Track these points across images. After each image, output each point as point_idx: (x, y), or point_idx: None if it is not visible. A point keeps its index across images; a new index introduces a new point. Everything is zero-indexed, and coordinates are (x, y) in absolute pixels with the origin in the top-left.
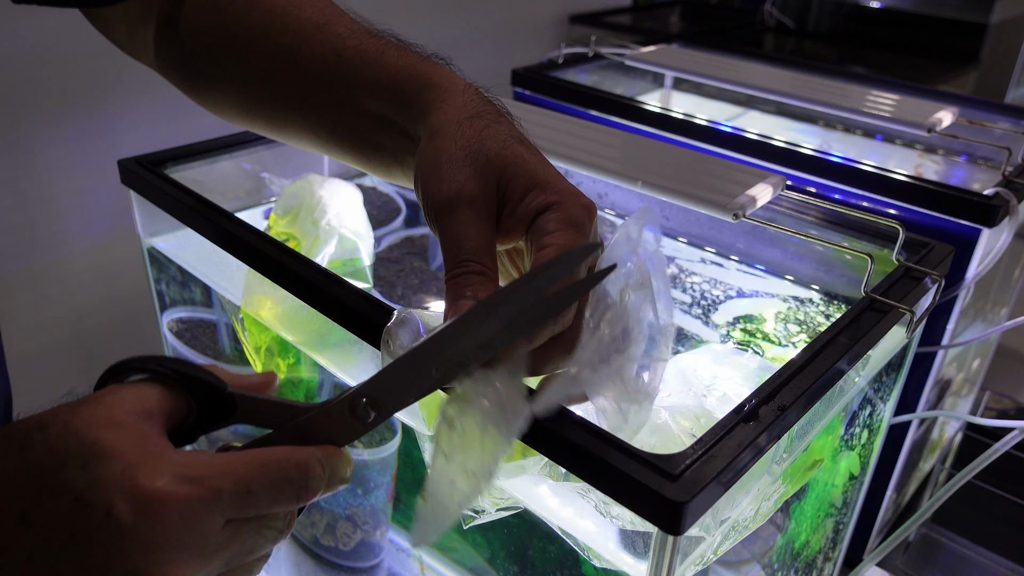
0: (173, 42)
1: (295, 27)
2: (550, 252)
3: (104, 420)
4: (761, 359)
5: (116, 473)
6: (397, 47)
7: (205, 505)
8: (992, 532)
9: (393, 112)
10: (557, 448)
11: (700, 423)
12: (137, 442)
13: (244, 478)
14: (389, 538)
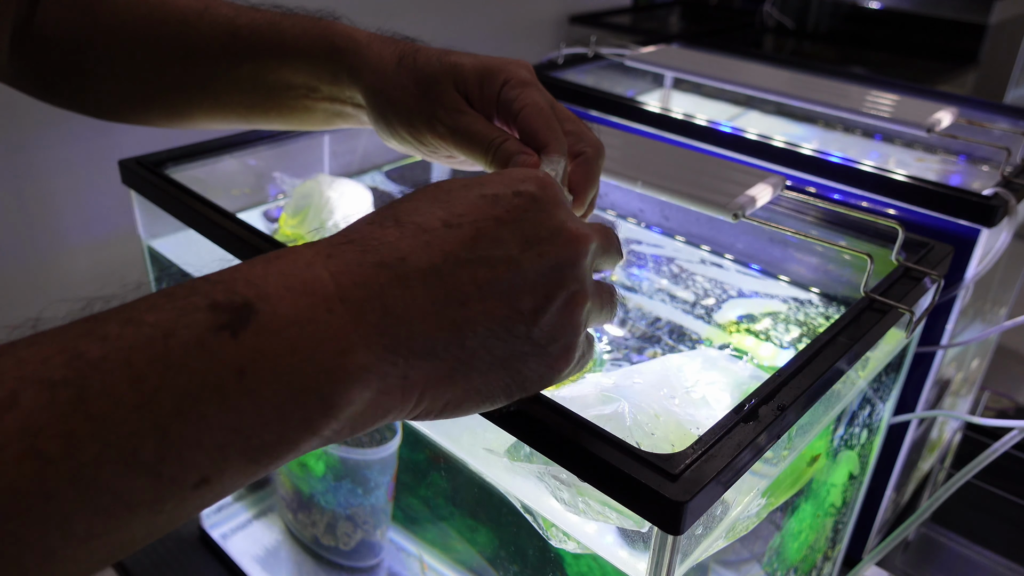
0: (36, 44)
1: (177, 15)
2: (528, 111)
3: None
4: (754, 368)
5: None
6: (284, 15)
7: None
8: (992, 532)
9: (311, 79)
10: (556, 447)
11: (659, 421)
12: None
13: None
14: (389, 538)
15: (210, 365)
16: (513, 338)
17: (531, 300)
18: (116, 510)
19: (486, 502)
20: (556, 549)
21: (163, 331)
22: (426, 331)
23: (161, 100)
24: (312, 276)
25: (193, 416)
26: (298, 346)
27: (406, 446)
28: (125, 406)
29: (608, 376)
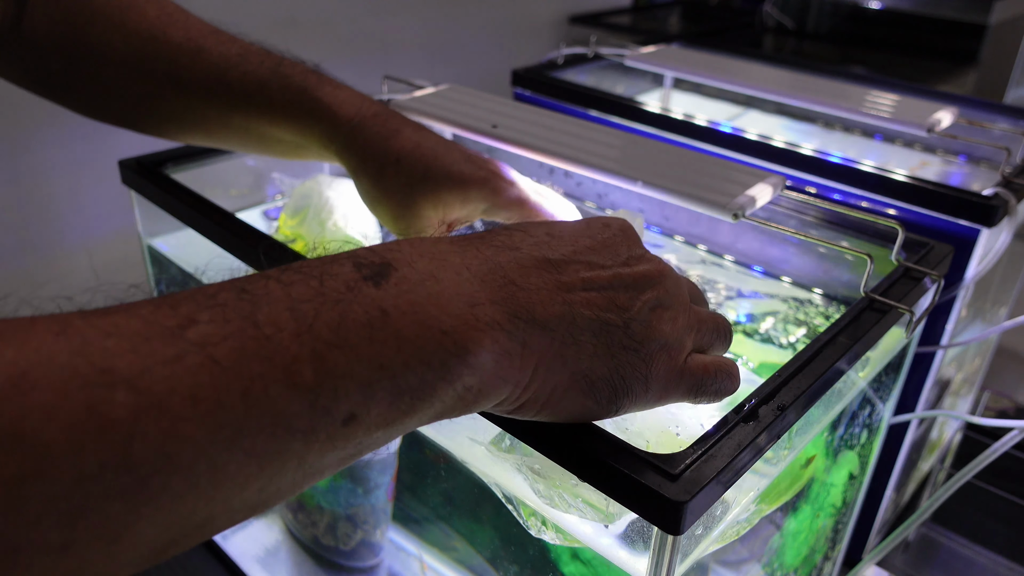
0: (25, 48)
1: (169, 54)
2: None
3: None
4: (747, 371)
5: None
6: (273, 73)
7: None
8: (992, 532)
9: (301, 140)
10: (555, 446)
11: (635, 417)
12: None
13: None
14: (389, 538)
15: (359, 303)
16: (613, 328)
17: (625, 296)
18: (277, 431)
19: (486, 502)
20: (554, 548)
21: (316, 275)
22: (543, 304)
23: (153, 124)
24: (441, 249)
25: (345, 347)
26: (434, 295)
27: (406, 446)
28: (287, 332)
29: None
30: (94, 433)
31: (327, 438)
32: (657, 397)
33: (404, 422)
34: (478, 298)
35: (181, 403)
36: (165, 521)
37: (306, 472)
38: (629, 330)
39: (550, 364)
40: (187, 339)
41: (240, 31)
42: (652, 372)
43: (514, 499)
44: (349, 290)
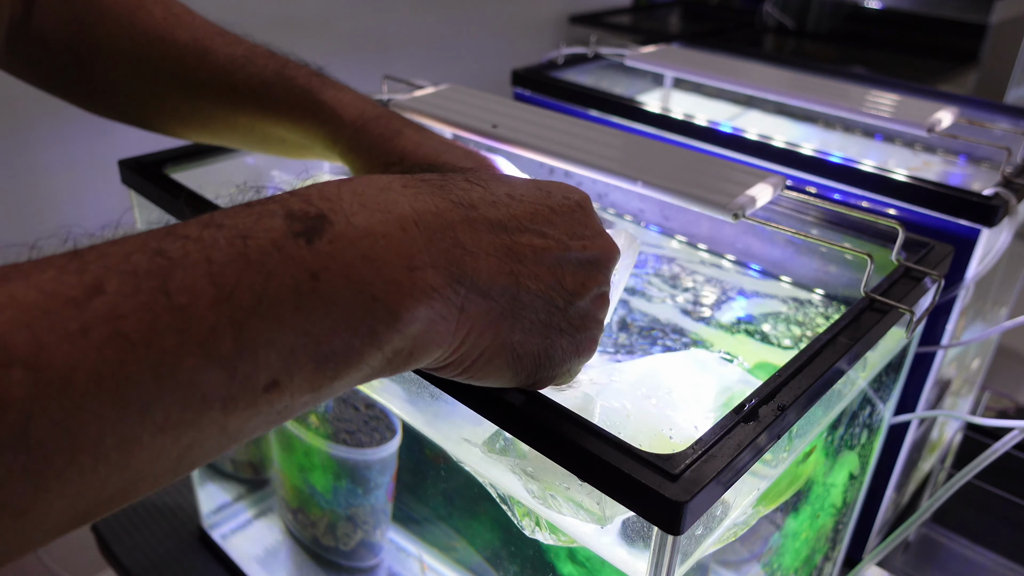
0: (33, 46)
1: (175, 55)
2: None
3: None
4: (743, 372)
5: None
6: (277, 75)
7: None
8: (992, 532)
9: (305, 142)
10: (555, 446)
11: (629, 419)
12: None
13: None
14: (389, 538)
15: (286, 267)
16: (554, 308)
17: (572, 281)
18: (192, 402)
19: (485, 502)
20: (552, 548)
21: (241, 233)
22: (489, 271)
23: (159, 122)
24: (388, 198)
25: (268, 314)
26: (370, 256)
27: (406, 446)
28: (205, 300)
29: (585, 372)
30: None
31: (247, 405)
32: (571, 376)
33: (331, 385)
34: (418, 260)
35: (84, 380)
36: (76, 492)
37: (230, 437)
38: (568, 314)
39: (482, 331)
40: (92, 310)
41: (241, 31)
42: (578, 356)
43: (509, 500)
44: (277, 250)
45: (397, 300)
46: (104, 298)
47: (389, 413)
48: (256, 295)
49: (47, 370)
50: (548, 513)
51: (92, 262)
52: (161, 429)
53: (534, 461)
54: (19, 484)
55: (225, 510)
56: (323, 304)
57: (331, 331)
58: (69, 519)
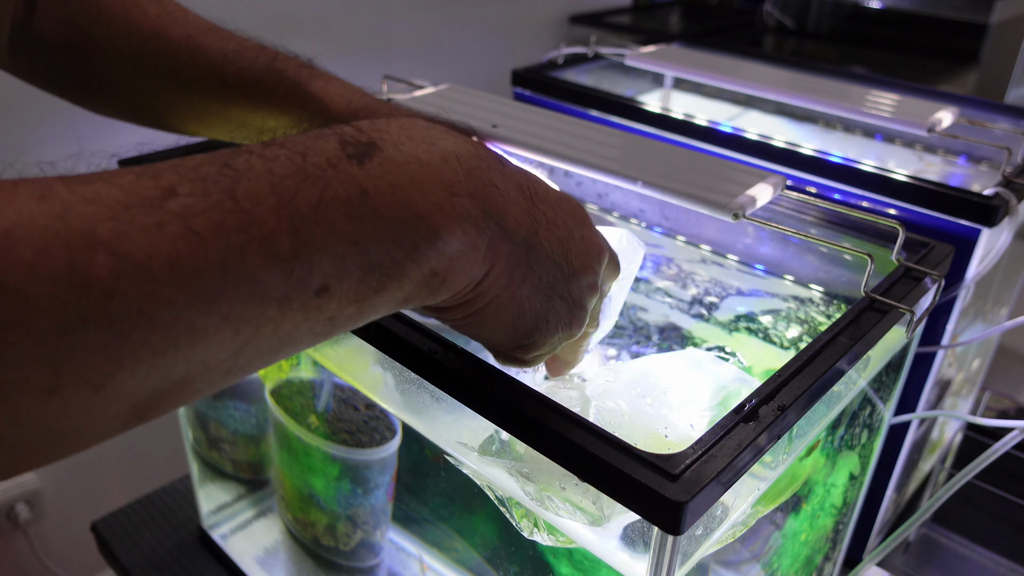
0: (35, 47)
1: (169, 52)
2: None
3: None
4: (739, 370)
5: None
6: (268, 66)
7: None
8: (992, 532)
9: (294, 130)
10: (555, 446)
11: (624, 419)
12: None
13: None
14: (389, 538)
15: (339, 181)
16: (560, 274)
17: (576, 258)
18: (253, 298)
19: (485, 502)
20: (547, 549)
21: (300, 151)
22: (514, 215)
23: (155, 118)
24: (432, 135)
25: (322, 222)
26: (415, 179)
27: (406, 446)
28: (267, 206)
29: (580, 372)
30: (75, 289)
31: (300, 308)
32: (551, 351)
33: (373, 301)
34: (458, 188)
35: (160, 268)
36: (146, 374)
37: (281, 340)
38: (569, 285)
39: (500, 272)
40: (167, 210)
41: (240, 30)
42: (568, 329)
43: (507, 501)
44: (331, 167)
45: (438, 219)
46: (177, 199)
47: (389, 413)
48: (312, 204)
49: (127, 256)
50: (545, 514)
51: (166, 171)
52: (225, 319)
53: (530, 463)
54: (98, 357)
55: (225, 510)
56: (371, 216)
57: (377, 242)
58: (135, 405)
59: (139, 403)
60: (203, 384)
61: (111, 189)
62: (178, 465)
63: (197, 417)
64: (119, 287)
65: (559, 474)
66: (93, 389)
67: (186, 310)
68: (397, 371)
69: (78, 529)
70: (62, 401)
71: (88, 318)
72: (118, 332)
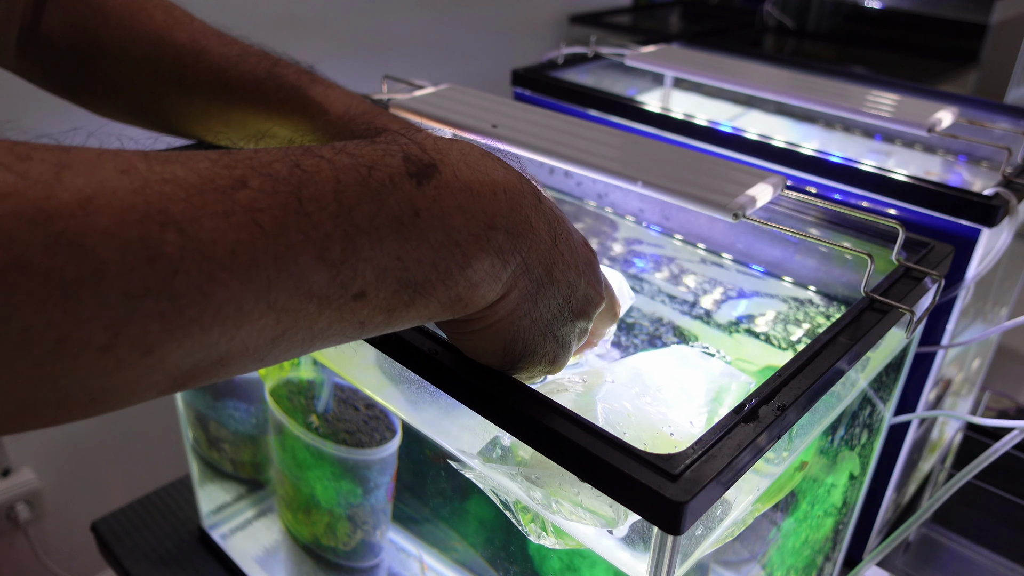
0: (43, 50)
1: (173, 55)
2: None
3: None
4: (726, 365)
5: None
6: (268, 74)
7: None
8: (992, 532)
9: (295, 136)
10: (555, 446)
11: (630, 420)
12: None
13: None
14: (389, 538)
15: (397, 200)
16: (559, 317)
17: (576, 303)
18: (298, 293)
19: (485, 502)
20: (538, 549)
21: (367, 163)
22: (538, 252)
23: (159, 121)
24: (487, 163)
25: (374, 234)
26: (464, 208)
27: (406, 446)
28: (328, 212)
29: (577, 374)
30: (144, 261)
31: (337, 308)
32: (527, 379)
33: (402, 314)
34: (498, 222)
35: (222, 253)
36: (192, 346)
37: (314, 335)
38: (564, 328)
39: (510, 301)
40: (236, 200)
41: (240, 31)
42: (551, 366)
43: (514, 505)
44: (392, 184)
45: (473, 249)
46: (247, 192)
47: (389, 413)
48: (368, 217)
49: (195, 238)
50: (553, 518)
51: (240, 162)
52: (270, 308)
53: (538, 468)
54: (154, 325)
55: (225, 510)
56: (417, 236)
57: (418, 262)
58: (175, 375)
59: (179, 374)
60: (238, 365)
61: (187, 172)
62: (178, 465)
63: (197, 417)
64: (183, 265)
65: (572, 479)
66: (142, 353)
67: (239, 294)
68: (398, 372)
69: (78, 529)
70: (114, 360)
71: (151, 288)
72: (175, 305)
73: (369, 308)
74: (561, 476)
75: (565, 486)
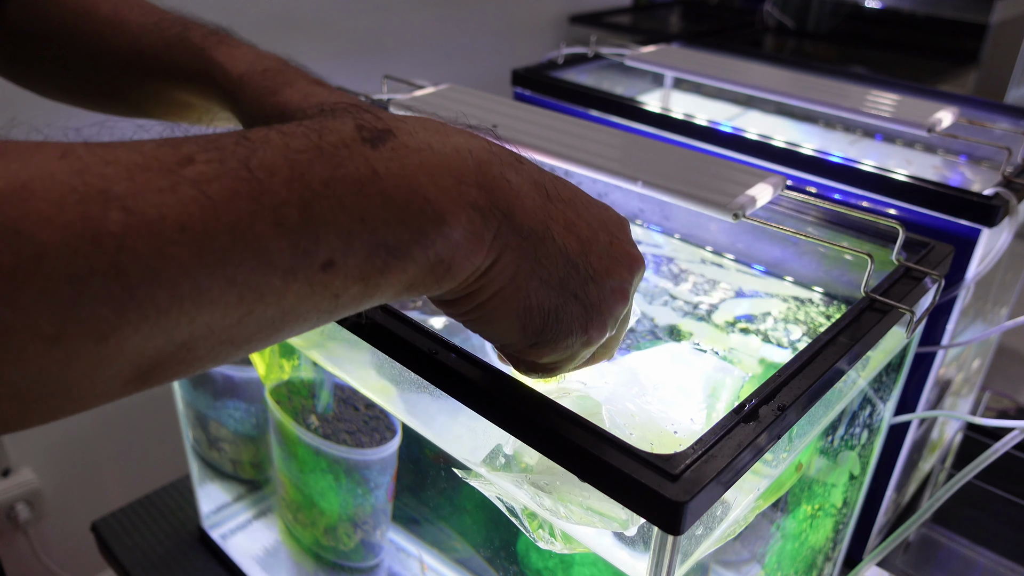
0: (4, 41)
1: (98, 28)
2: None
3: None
4: (718, 360)
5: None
6: (180, 35)
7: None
8: (992, 532)
9: (210, 105)
10: (555, 447)
11: (635, 420)
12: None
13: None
14: (389, 538)
15: (352, 160)
16: (574, 271)
17: (598, 261)
18: (259, 266)
19: (485, 502)
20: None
21: (316, 129)
22: (524, 210)
23: (92, 100)
24: (447, 129)
25: (332, 196)
26: (426, 165)
27: (406, 446)
28: (280, 177)
29: (576, 376)
30: (87, 241)
31: (306, 280)
32: (572, 360)
33: (378, 282)
34: (467, 178)
35: (170, 228)
36: (150, 331)
37: (284, 313)
38: (586, 285)
39: (506, 264)
40: (182, 175)
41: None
42: (586, 333)
43: (520, 512)
44: (345, 147)
45: (445, 205)
46: (194, 166)
47: (389, 413)
48: (323, 180)
49: (140, 213)
50: (562, 523)
51: (186, 142)
52: (230, 283)
53: (545, 474)
54: (104, 308)
55: (225, 510)
56: (380, 195)
57: (385, 222)
58: (138, 365)
59: (141, 363)
60: (205, 351)
61: (131, 154)
62: (178, 465)
63: (197, 417)
64: (128, 242)
65: (579, 483)
66: (97, 340)
67: (193, 270)
68: (398, 373)
69: (78, 529)
70: (66, 350)
71: (96, 269)
72: (125, 285)
73: (341, 278)
74: (569, 481)
75: (574, 491)
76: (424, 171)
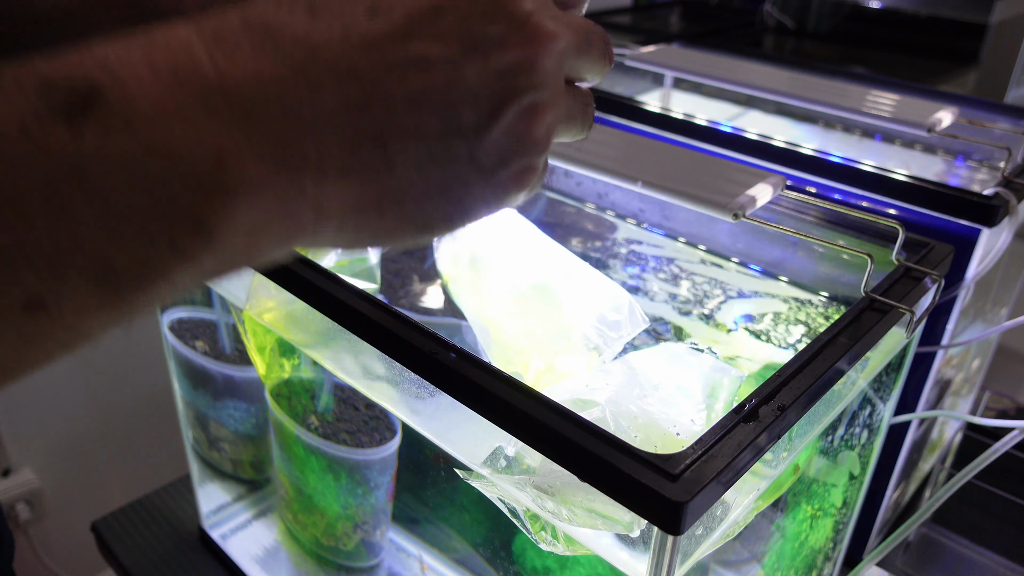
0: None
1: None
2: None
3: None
4: (716, 360)
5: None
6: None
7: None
8: (992, 532)
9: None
10: (555, 446)
11: (638, 422)
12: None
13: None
14: (389, 538)
15: (35, 158)
16: (452, 160)
17: (473, 114)
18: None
19: (485, 501)
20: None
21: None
22: (341, 146)
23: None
24: (188, 60)
25: (12, 218)
26: (159, 147)
27: (406, 446)
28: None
29: (576, 378)
30: None
31: (8, 326)
32: (503, 209)
33: (132, 300)
34: (233, 148)
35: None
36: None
37: (24, 362)
38: (475, 160)
39: (361, 217)
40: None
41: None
42: (503, 197)
43: (522, 514)
44: (25, 135)
45: (202, 203)
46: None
47: (389, 413)
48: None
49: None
50: (566, 525)
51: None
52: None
53: (547, 476)
54: None
55: (225, 510)
56: (95, 209)
57: (112, 243)
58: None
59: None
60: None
61: None
62: (178, 465)
63: (197, 417)
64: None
65: (582, 485)
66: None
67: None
68: (398, 373)
69: (78, 529)
70: None
71: None
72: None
73: (61, 315)
74: (572, 483)
75: (578, 493)
76: (156, 157)
